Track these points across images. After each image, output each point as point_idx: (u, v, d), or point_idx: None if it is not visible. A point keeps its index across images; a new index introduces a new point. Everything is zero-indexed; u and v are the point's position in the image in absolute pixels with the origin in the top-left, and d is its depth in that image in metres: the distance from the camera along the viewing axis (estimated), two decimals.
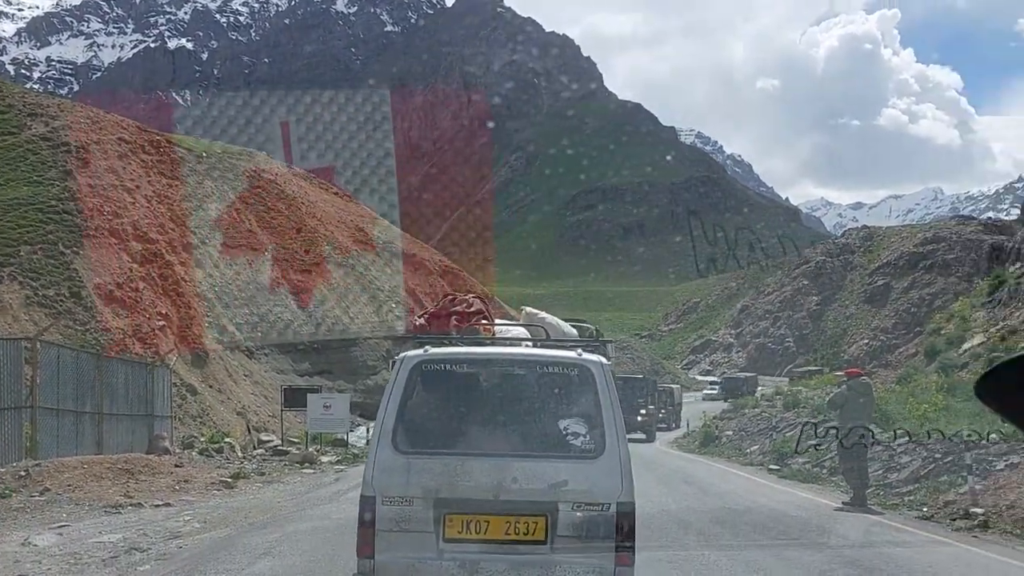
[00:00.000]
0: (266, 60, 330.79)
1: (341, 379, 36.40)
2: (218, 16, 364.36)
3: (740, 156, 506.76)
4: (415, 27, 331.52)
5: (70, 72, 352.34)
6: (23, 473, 14.31)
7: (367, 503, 5.21)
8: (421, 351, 5.63)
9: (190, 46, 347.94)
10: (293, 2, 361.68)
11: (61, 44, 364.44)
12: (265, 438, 26.02)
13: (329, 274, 40.39)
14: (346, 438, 26.92)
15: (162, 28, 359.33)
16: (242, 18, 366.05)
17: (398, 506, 5.17)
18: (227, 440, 23.62)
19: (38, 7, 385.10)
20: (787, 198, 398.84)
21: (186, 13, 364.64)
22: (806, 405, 26.85)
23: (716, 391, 67.45)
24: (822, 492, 16.31)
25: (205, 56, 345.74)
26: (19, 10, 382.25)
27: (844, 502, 14.33)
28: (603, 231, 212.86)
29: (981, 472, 13.12)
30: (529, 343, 6.33)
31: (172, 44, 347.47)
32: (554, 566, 5.12)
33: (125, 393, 20.64)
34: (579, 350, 5.75)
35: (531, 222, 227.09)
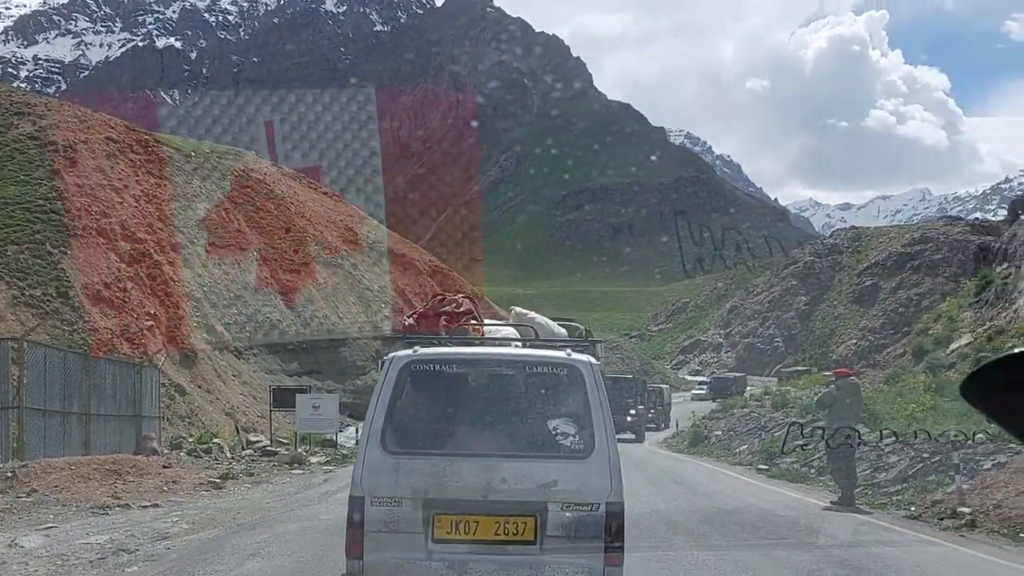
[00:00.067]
0: (255, 59, 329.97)
1: (330, 379, 36.32)
2: (207, 15, 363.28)
3: (729, 157, 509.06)
4: (404, 27, 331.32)
5: (58, 71, 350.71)
6: (9, 474, 14.24)
7: (356, 504, 5.20)
8: (410, 351, 5.61)
9: (178, 45, 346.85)
10: (282, 1, 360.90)
11: (48, 43, 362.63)
12: (254, 439, 25.89)
13: (318, 274, 40.30)
14: (335, 438, 26.83)
15: (150, 27, 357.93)
16: (231, 17, 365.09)
17: (387, 507, 5.16)
18: (215, 441, 23.54)
19: (25, 5, 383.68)
20: (776, 199, 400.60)
21: (174, 12, 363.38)
22: (794, 405, 26.96)
23: (704, 391, 67.48)
24: (811, 492, 16.36)
25: (194, 55, 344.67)
26: (6, 8, 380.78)
27: (832, 502, 14.37)
28: (592, 231, 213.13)
29: (968, 472, 13.18)
30: (518, 343, 6.33)
31: (160, 43, 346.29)
32: (543, 566, 5.12)
33: (113, 393, 20.56)
34: (568, 350, 5.75)
35: (520, 222, 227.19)
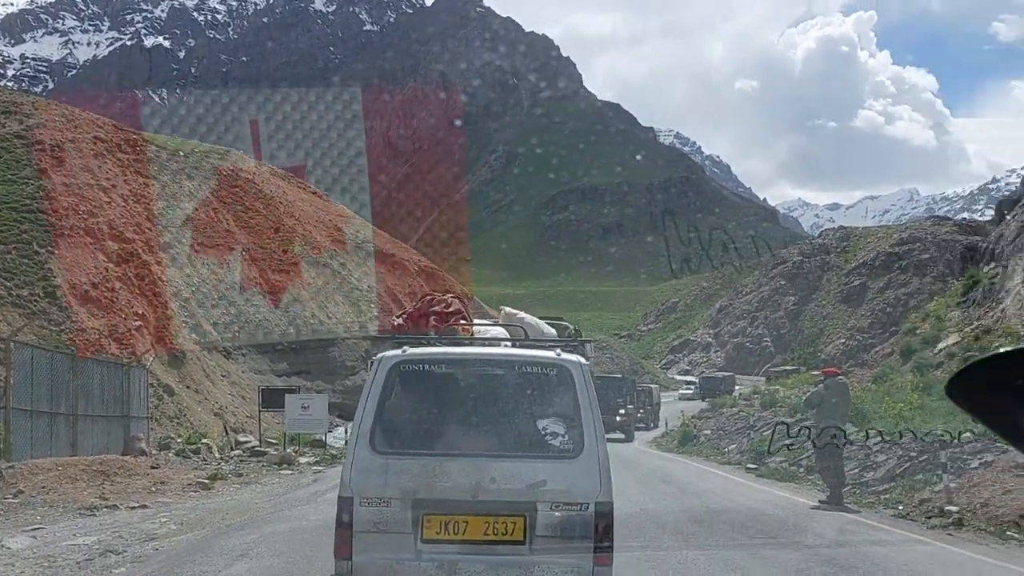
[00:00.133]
0: (244, 59, 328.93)
1: (319, 379, 36.23)
2: (195, 14, 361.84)
3: (719, 157, 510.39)
4: (394, 26, 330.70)
5: (45, 70, 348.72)
6: None
7: (345, 504, 5.18)
8: (400, 351, 5.60)
9: (167, 44, 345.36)
10: (271, 1, 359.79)
11: (36, 41, 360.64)
12: (243, 439, 25.82)
13: (307, 274, 40.21)
14: (324, 439, 26.78)
15: (138, 26, 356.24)
16: (220, 16, 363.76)
17: (376, 507, 5.15)
18: (204, 441, 23.47)
19: (12, 4, 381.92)
20: (765, 199, 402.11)
21: (163, 11, 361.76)
22: (783, 404, 27.02)
23: (691, 391, 67.56)
24: (799, 491, 16.41)
25: (182, 54, 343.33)
26: None
27: (821, 500, 14.43)
28: (582, 231, 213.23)
29: (956, 470, 13.24)
30: (508, 343, 6.33)
31: (148, 42, 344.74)
32: (532, 566, 5.11)
33: (101, 394, 20.45)
34: (558, 350, 5.75)
35: (510, 222, 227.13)
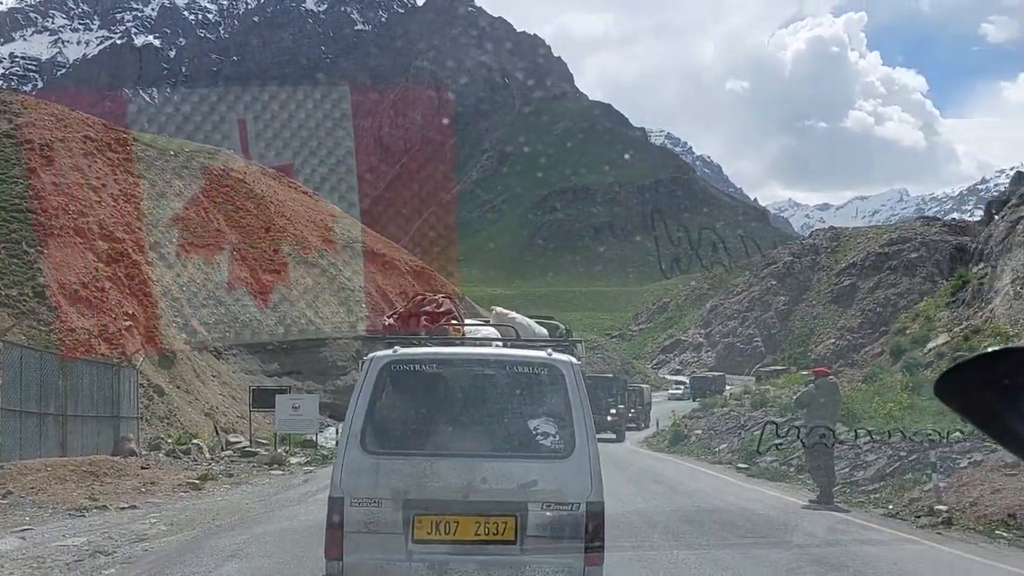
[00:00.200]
0: (235, 58, 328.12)
1: (310, 380, 36.16)
2: (186, 13, 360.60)
3: (710, 157, 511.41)
4: (385, 26, 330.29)
5: (34, 68, 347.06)
6: None
7: (335, 504, 5.18)
8: (390, 351, 5.60)
9: (157, 43, 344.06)
10: (262, 0, 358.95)
11: (25, 40, 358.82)
12: (233, 439, 25.76)
13: (298, 274, 40.12)
14: (315, 439, 26.72)
15: (129, 25, 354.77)
16: (210, 16, 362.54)
17: (367, 507, 5.14)
18: (195, 441, 23.41)
19: (1, 2, 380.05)
20: (756, 199, 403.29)
21: (153, 10, 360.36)
22: (774, 404, 27.08)
23: (681, 391, 67.57)
24: (790, 490, 16.44)
25: (173, 54, 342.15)
26: None
27: (811, 500, 14.46)
28: (574, 231, 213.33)
29: (945, 470, 13.29)
30: (499, 343, 6.33)
31: (139, 41, 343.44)
32: (523, 566, 5.11)
33: (90, 394, 20.38)
34: (549, 350, 5.75)
35: (502, 222, 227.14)
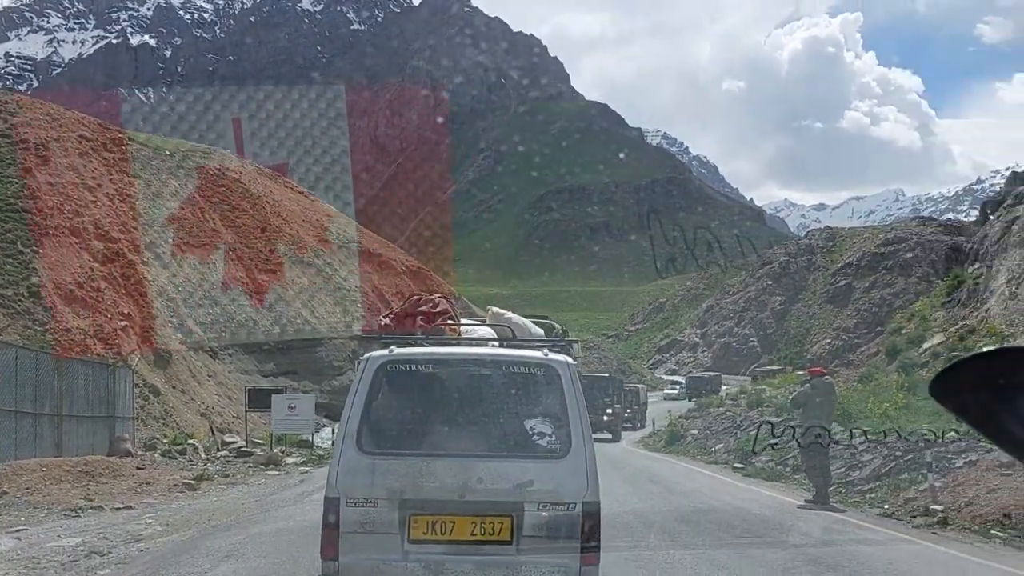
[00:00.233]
0: (231, 57, 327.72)
1: (306, 380, 36.12)
2: (182, 13, 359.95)
3: (706, 158, 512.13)
4: (381, 25, 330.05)
5: (30, 68, 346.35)
6: None
7: (331, 505, 5.17)
8: (386, 351, 5.59)
9: (153, 43, 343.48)
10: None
11: (20, 39, 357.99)
12: (229, 439, 25.72)
13: (294, 273, 40.07)
14: (311, 439, 26.70)
15: (124, 24, 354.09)
16: (206, 15, 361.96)
17: (363, 507, 5.13)
18: (190, 442, 23.36)
19: None
20: (752, 199, 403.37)
21: (149, 9, 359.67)
22: (770, 404, 27.10)
23: (676, 391, 67.53)
24: (785, 490, 16.46)
25: (168, 53, 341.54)
26: None
27: (807, 500, 14.48)
28: (570, 231, 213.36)
29: (941, 470, 13.32)
30: (495, 343, 6.32)
31: (134, 41, 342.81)
32: (520, 566, 5.11)
33: (86, 394, 20.35)
34: (545, 350, 5.75)
35: (498, 222, 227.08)
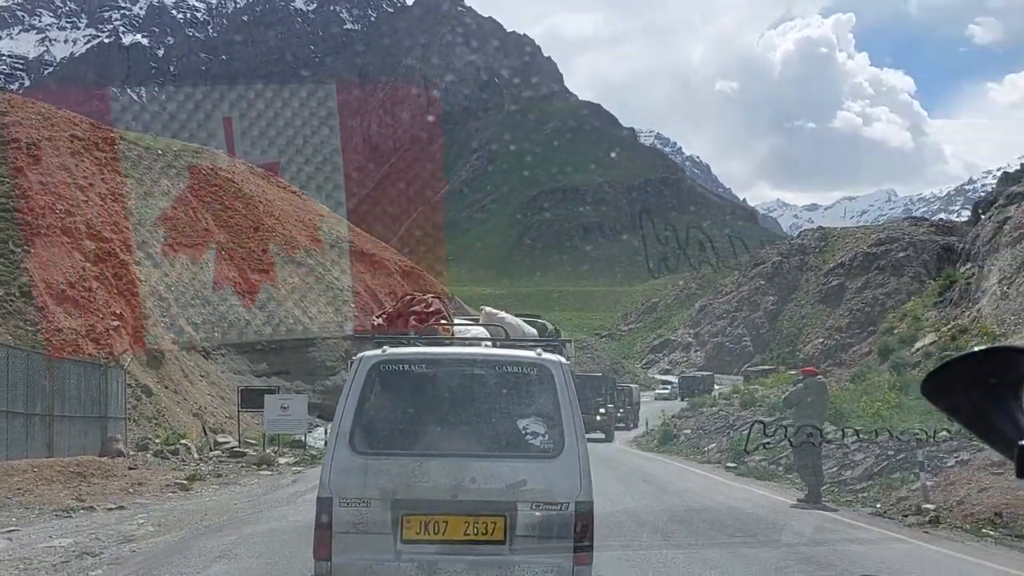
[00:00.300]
0: (223, 57, 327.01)
1: (299, 380, 36.05)
2: (174, 12, 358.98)
3: (699, 158, 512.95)
4: (374, 25, 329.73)
5: (21, 67, 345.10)
6: None
7: (324, 505, 5.16)
8: (379, 351, 5.58)
9: (145, 42, 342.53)
10: None
11: (12, 38, 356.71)
12: (222, 439, 25.67)
13: (286, 273, 40.00)
14: (304, 439, 26.63)
15: (116, 23, 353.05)
16: (199, 14, 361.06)
17: (355, 507, 5.13)
18: (183, 442, 23.31)
19: None
20: (744, 199, 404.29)
21: (141, 8, 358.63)
22: (762, 403, 27.15)
23: (668, 391, 67.51)
24: (778, 489, 16.49)
25: (161, 52, 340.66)
26: None
27: (799, 499, 14.51)
28: (563, 231, 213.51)
29: (932, 469, 13.35)
30: (488, 343, 6.32)
31: (127, 40, 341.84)
32: (513, 566, 5.11)
33: (77, 395, 20.29)
34: (538, 350, 5.75)
35: (490, 222, 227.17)
